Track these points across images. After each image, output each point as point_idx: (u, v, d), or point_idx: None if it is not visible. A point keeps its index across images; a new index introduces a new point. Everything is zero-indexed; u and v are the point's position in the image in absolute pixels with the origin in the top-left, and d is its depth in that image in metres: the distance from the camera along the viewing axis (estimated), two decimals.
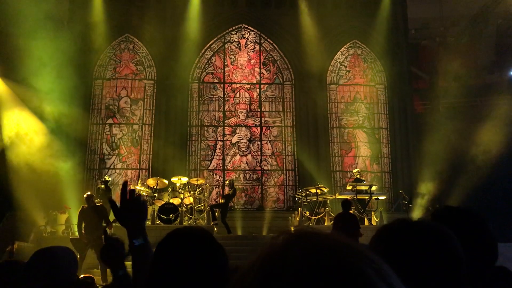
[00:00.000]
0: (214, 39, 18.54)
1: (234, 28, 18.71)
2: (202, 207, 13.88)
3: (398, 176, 17.39)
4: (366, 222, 12.76)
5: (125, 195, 1.75)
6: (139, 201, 1.78)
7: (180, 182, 13.62)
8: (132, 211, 1.74)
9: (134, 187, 14.16)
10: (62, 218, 13.82)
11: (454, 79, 17.55)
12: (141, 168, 17.23)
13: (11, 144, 14.71)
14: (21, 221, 13.24)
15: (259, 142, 17.84)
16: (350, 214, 9.63)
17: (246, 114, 18.09)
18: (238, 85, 18.35)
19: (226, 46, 18.67)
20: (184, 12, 17.53)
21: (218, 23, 18.37)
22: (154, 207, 13.00)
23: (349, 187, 13.88)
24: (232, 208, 15.34)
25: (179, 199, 13.21)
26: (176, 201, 13.14)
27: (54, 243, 2.65)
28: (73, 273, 2.35)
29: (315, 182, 14.48)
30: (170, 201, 13.10)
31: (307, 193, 13.98)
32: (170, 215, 12.59)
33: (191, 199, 13.49)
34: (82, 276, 5.53)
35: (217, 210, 13.33)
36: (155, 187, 13.48)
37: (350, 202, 10.12)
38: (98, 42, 17.07)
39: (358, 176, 14.41)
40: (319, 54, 17.57)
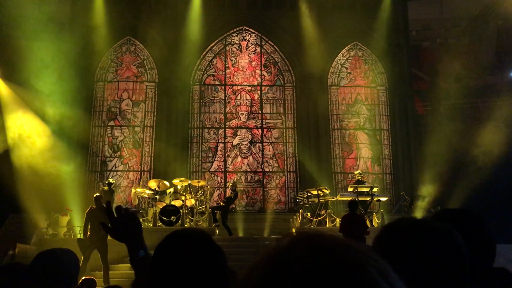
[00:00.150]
0: (215, 41, 18.57)
1: (235, 30, 18.73)
2: (204, 209, 13.88)
3: (399, 177, 17.36)
4: (368, 224, 12.73)
5: (112, 215, 1.73)
6: (129, 215, 1.76)
7: (181, 184, 13.63)
8: (125, 227, 1.73)
9: (135, 190, 14.20)
10: (64, 220, 13.82)
11: (455, 80, 17.52)
12: (142, 170, 17.24)
13: (14, 146, 14.74)
14: (23, 223, 13.25)
15: (260, 144, 17.84)
16: (357, 215, 9.65)
17: (247, 116, 18.10)
18: (239, 87, 18.36)
19: (227, 48, 18.69)
20: (185, 14, 17.56)
21: (219, 25, 18.39)
22: (156, 209, 13.00)
23: (350, 189, 13.87)
24: (233, 210, 15.34)
25: (181, 201, 13.21)
26: (177, 203, 13.14)
27: (56, 245, 2.66)
28: (75, 274, 2.36)
29: (316, 184, 14.49)
30: (172, 203, 13.09)
31: (309, 194, 13.98)
32: (172, 217, 12.59)
33: (193, 201, 13.50)
34: (84, 277, 5.54)
35: (217, 212, 13.34)
36: (157, 189, 13.49)
37: (356, 202, 10.16)
38: (99, 45, 17.10)
39: (359, 177, 14.41)
40: (320, 56, 17.58)
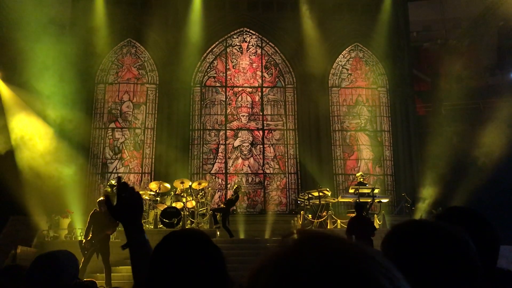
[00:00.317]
0: (216, 43, 18.58)
1: (235, 31, 18.74)
2: (205, 211, 13.87)
3: (401, 178, 17.33)
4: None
5: (119, 190, 1.68)
6: (134, 193, 1.69)
7: (182, 186, 13.62)
8: (127, 205, 1.66)
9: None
10: (65, 222, 13.80)
11: (456, 81, 17.52)
12: (143, 172, 17.24)
13: (16, 148, 14.75)
14: (24, 225, 13.24)
15: (261, 146, 17.83)
16: (364, 217, 9.65)
17: (248, 117, 18.10)
18: (240, 88, 18.36)
19: (228, 49, 18.70)
20: (186, 16, 17.58)
21: (219, 27, 18.41)
22: (157, 211, 12.99)
23: (351, 190, 13.86)
24: (234, 211, 15.32)
25: (182, 203, 13.20)
26: (178, 205, 13.13)
27: (57, 248, 2.65)
28: (74, 276, 2.35)
29: (318, 185, 14.47)
30: (173, 205, 13.09)
31: (310, 196, 13.97)
32: (173, 219, 12.58)
33: (194, 203, 13.49)
34: (84, 280, 5.52)
35: (218, 214, 13.33)
36: (158, 191, 13.48)
37: (362, 205, 10.17)
38: (100, 47, 17.11)
39: (361, 179, 14.39)
40: (321, 57, 17.57)
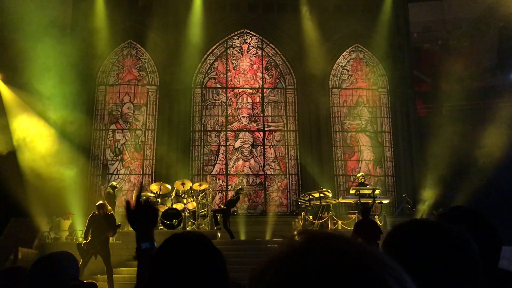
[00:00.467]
0: (216, 44, 18.59)
1: (236, 33, 18.75)
2: (206, 212, 13.87)
3: (402, 179, 17.32)
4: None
5: (139, 199, 1.81)
6: (151, 207, 1.83)
7: (183, 187, 13.62)
8: (143, 215, 1.78)
9: (137, 193, 14.19)
10: (66, 224, 13.82)
11: (457, 82, 17.52)
12: (144, 173, 17.24)
13: (18, 149, 14.75)
14: (25, 227, 13.25)
15: (262, 147, 17.83)
16: (371, 220, 9.70)
17: (248, 118, 18.10)
18: (240, 90, 18.37)
19: (228, 51, 18.71)
20: (186, 17, 17.59)
21: (220, 28, 18.42)
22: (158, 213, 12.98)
23: (352, 191, 13.85)
24: (235, 213, 15.32)
25: (182, 204, 13.20)
26: (179, 206, 13.13)
27: (58, 249, 2.65)
28: (75, 277, 2.35)
29: (318, 186, 14.46)
30: (174, 206, 13.09)
31: (310, 197, 13.95)
32: (174, 220, 12.59)
33: (194, 204, 13.49)
34: (85, 281, 5.52)
35: (219, 215, 13.33)
36: (158, 192, 13.48)
37: (368, 208, 10.28)
38: (101, 48, 17.13)
39: (362, 180, 14.38)
40: (321, 58, 17.58)
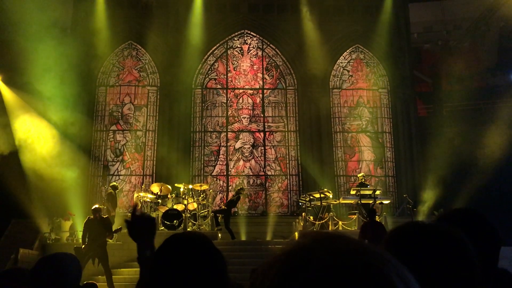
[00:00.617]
0: (217, 45, 18.60)
1: (236, 34, 18.76)
2: (206, 213, 13.86)
3: (402, 180, 17.30)
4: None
5: (134, 216, 1.85)
6: (148, 220, 1.87)
7: (183, 188, 13.62)
8: (141, 229, 1.82)
9: (137, 194, 14.20)
10: (66, 225, 13.82)
11: (457, 82, 17.54)
12: (145, 174, 17.25)
13: (19, 150, 14.76)
14: (26, 228, 13.26)
15: (263, 147, 17.83)
16: (377, 222, 9.73)
17: (249, 119, 18.10)
18: (241, 90, 18.37)
19: (229, 52, 18.72)
20: (186, 18, 17.60)
21: (220, 29, 18.43)
22: (158, 213, 12.98)
23: (353, 192, 13.84)
24: (236, 213, 15.31)
25: (183, 205, 13.20)
26: (180, 207, 13.13)
27: (59, 250, 2.66)
28: (77, 279, 2.35)
29: (319, 187, 14.45)
30: (174, 207, 13.08)
31: (311, 198, 13.94)
32: (174, 221, 12.57)
33: (195, 205, 13.48)
34: (85, 282, 5.53)
35: (219, 216, 13.33)
36: (159, 193, 13.47)
37: (374, 210, 10.32)
38: (101, 49, 17.14)
39: (362, 180, 14.37)
40: (322, 59, 17.58)
